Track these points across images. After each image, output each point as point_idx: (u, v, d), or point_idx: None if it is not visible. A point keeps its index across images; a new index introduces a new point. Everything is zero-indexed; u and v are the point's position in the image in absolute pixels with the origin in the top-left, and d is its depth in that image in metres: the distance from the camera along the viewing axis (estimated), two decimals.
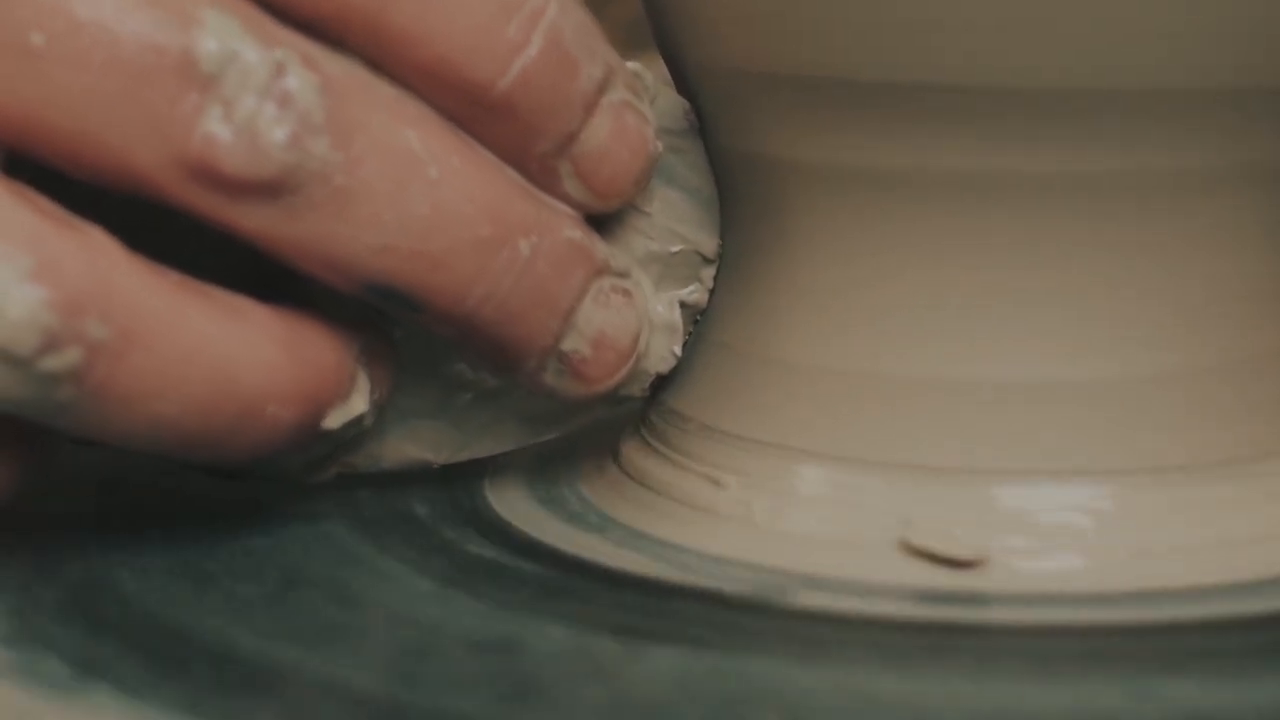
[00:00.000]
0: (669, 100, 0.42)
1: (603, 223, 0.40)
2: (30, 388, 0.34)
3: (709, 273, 0.42)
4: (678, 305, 0.42)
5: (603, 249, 0.39)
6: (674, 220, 0.42)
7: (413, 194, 0.36)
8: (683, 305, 0.42)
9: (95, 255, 0.34)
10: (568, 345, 0.39)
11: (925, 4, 0.36)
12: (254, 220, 0.35)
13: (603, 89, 0.38)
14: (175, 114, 0.34)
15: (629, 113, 0.39)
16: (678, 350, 0.42)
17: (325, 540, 0.41)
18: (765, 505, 0.39)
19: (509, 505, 0.43)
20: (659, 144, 0.40)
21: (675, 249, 0.42)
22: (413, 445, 0.42)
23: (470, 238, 0.37)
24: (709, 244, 0.42)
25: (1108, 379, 0.38)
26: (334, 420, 0.38)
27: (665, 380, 0.43)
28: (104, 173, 0.35)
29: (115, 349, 0.34)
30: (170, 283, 0.35)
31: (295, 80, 0.35)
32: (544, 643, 0.35)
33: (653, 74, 0.41)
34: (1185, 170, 0.38)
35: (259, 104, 0.34)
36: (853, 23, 0.37)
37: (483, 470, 0.45)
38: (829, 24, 0.37)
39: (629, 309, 0.40)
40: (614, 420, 0.45)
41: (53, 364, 0.34)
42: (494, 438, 0.43)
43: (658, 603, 0.37)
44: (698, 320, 0.43)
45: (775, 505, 0.39)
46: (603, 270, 0.39)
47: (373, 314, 0.39)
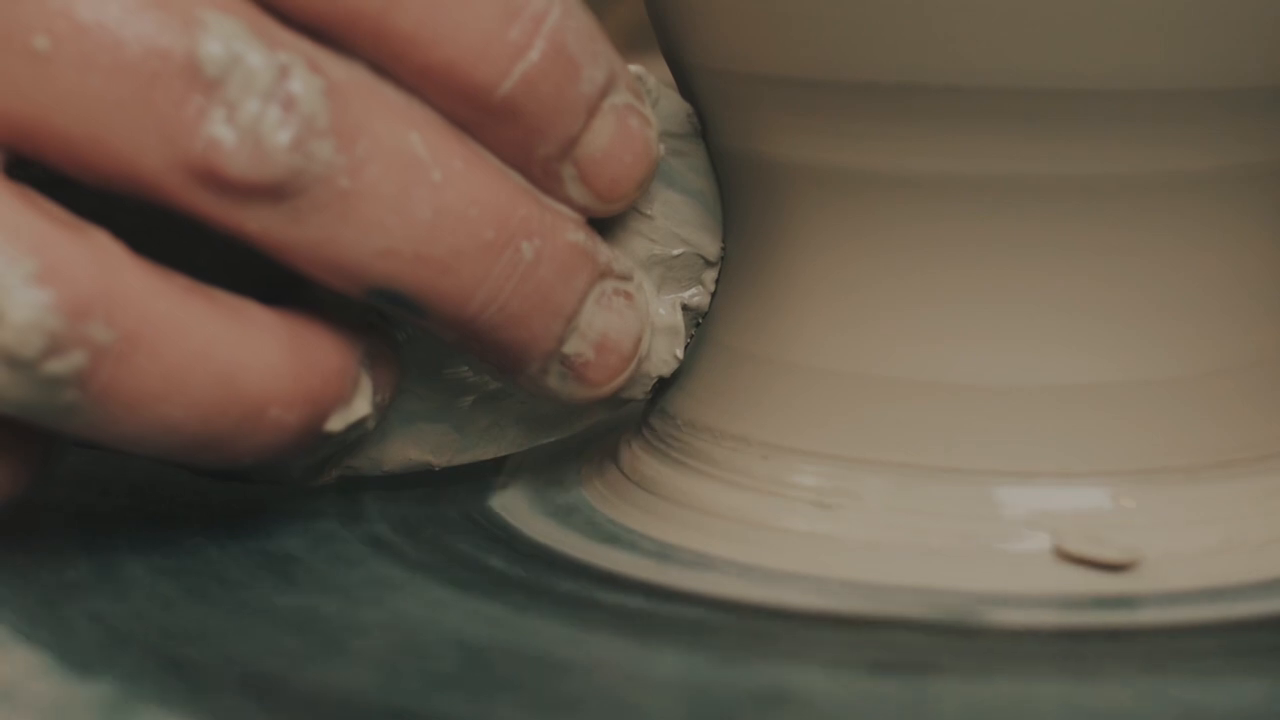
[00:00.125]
0: (672, 103, 0.42)
1: (605, 225, 0.40)
2: (34, 391, 0.34)
3: (711, 275, 0.42)
4: (680, 308, 0.42)
5: (605, 252, 0.40)
6: (676, 223, 0.42)
7: (416, 197, 0.36)
8: (685, 308, 0.42)
9: (100, 258, 0.34)
10: (570, 348, 0.39)
11: (921, 7, 0.36)
12: (258, 223, 0.35)
13: (605, 92, 0.38)
14: (179, 117, 0.34)
15: (632, 116, 0.39)
16: (680, 353, 0.42)
17: (328, 543, 0.41)
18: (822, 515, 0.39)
19: (513, 510, 0.43)
20: (661, 147, 0.40)
21: (677, 252, 0.42)
22: (414, 448, 0.42)
23: (473, 241, 0.37)
24: (711, 247, 0.42)
25: (1109, 381, 0.38)
26: (337, 423, 0.38)
27: (667, 383, 0.43)
28: (108, 176, 0.35)
29: (120, 352, 0.34)
30: (175, 286, 0.35)
31: (299, 84, 0.35)
32: (810, 689, 0.33)
33: (655, 77, 0.41)
34: (1184, 172, 0.38)
35: (263, 107, 0.34)
36: (851, 25, 0.37)
37: (484, 472, 0.45)
38: (828, 26, 0.37)
39: (631, 312, 0.40)
40: (615, 422, 0.45)
41: (57, 367, 0.34)
42: (496, 441, 0.43)
43: (864, 635, 0.36)
44: (700, 323, 0.43)
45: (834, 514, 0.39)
46: (605, 273, 0.39)
47: (376, 317, 0.39)
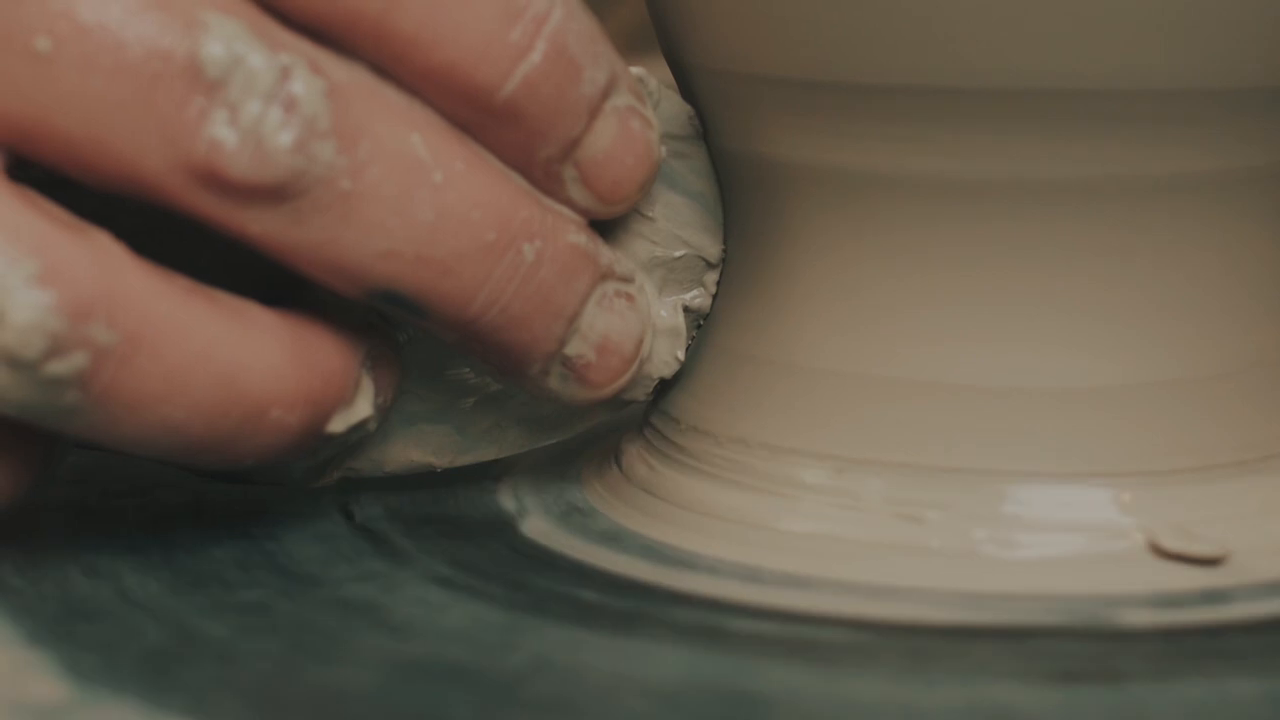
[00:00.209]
0: (673, 105, 0.42)
1: (606, 227, 0.40)
2: (36, 392, 0.34)
3: (712, 277, 0.42)
4: (681, 310, 0.42)
5: (607, 253, 0.40)
6: (677, 225, 0.42)
7: (417, 199, 0.36)
8: (686, 310, 0.42)
9: (101, 259, 0.34)
10: (572, 350, 0.39)
11: (920, 8, 0.36)
12: (259, 225, 0.35)
13: (607, 94, 0.38)
14: (181, 119, 0.34)
15: (633, 118, 0.39)
16: (681, 355, 0.42)
17: (329, 544, 0.41)
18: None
19: (513, 512, 0.43)
20: (663, 149, 0.40)
21: (679, 254, 0.42)
22: (416, 449, 0.42)
23: (475, 243, 0.37)
24: (712, 249, 0.42)
25: (1110, 382, 0.38)
26: (338, 424, 0.38)
27: (668, 384, 0.43)
28: (110, 177, 0.35)
29: (121, 353, 0.34)
30: (176, 287, 0.35)
31: (301, 85, 0.35)
32: (1024, 704, 0.33)
33: (657, 79, 0.41)
34: (1185, 173, 0.38)
35: (264, 109, 0.34)
36: (851, 26, 0.37)
37: (485, 474, 0.45)
38: (828, 27, 0.37)
39: (633, 313, 0.40)
40: (617, 424, 0.45)
41: (59, 368, 0.34)
42: (497, 442, 0.43)
43: (1014, 645, 0.35)
44: (701, 325, 0.43)
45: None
46: (607, 275, 0.39)
47: (377, 319, 0.39)
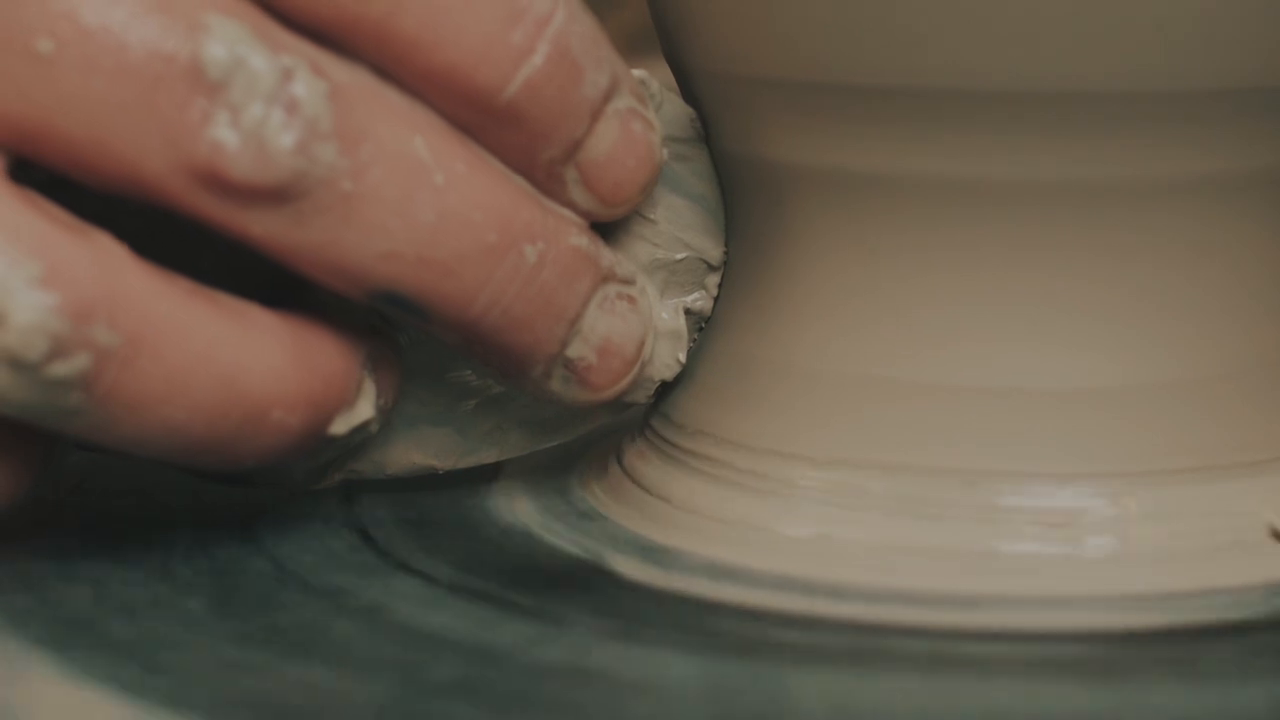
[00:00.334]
0: (675, 107, 0.42)
1: (608, 230, 0.40)
2: (38, 393, 0.34)
3: (714, 280, 0.42)
4: (682, 312, 0.42)
5: (608, 256, 0.40)
6: (679, 227, 0.42)
7: (419, 200, 0.36)
8: (688, 312, 0.42)
9: (104, 261, 0.34)
10: (573, 352, 0.39)
11: (921, 10, 0.36)
12: (261, 226, 0.35)
13: (609, 96, 0.38)
14: (183, 120, 0.34)
15: (635, 120, 0.39)
16: (682, 357, 0.42)
17: (330, 547, 0.41)
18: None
19: (514, 514, 0.43)
20: (664, 151, 0.40)
21: (680, 256, 0.42)
22: (418, 451, 0.42)
23: (476, 244, 0.37)
24: (714, 251, 0.42)
25: (1111, 383, 0.38)
26: (340, 426, 0.38)
27: (669, 387, 0.43)
28: (112, 179, 0.35)
29: (123, 354, 0.34)
30: (178, 289, 0.35)
31: (303, 87, 0.35)
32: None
33: (658, 81, 0.41)
34: (1186, 175, 0.38)
35: (266, 110, 0.34)
36: (851, 28, 0.37)
37: (486, 476, 0.45)
38: (828, 29, 0.37)
39: (634, 316, 0.40)
40: (618, 426, 0.45)
41: (61, 369, 0.34)
42: (498, 444, 0.43)
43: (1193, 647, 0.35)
44: (702, 327, 0.43)
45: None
46: (608, 277, 0.39)
47: (379, 320, 0.39)
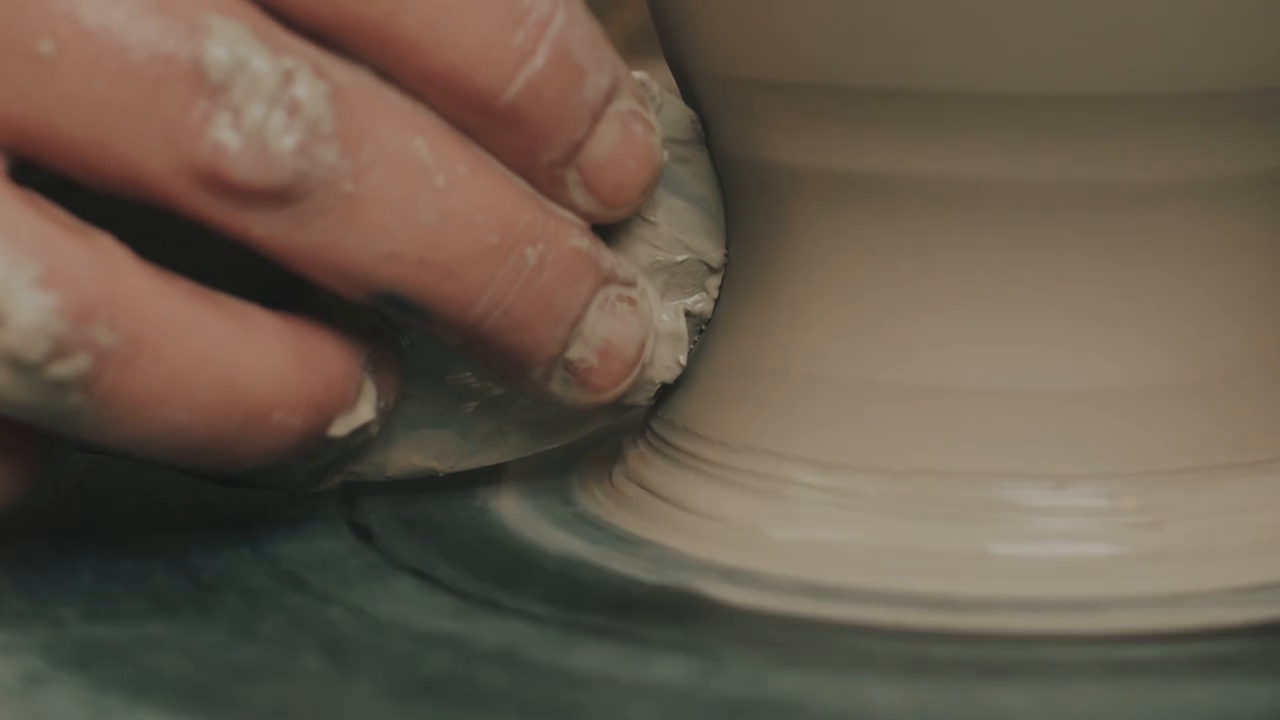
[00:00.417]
0: (675, 109, 0.42)
1: (609, 232, 0.40)
2: (39, 394, 0.34)
3: (714, 282, 0.42)
4: (683, 314, 0.42)
5: (609, 258, 0.40)
6: (680, 229, 0.42)
7: (420, 202, 0.36)
8: (688, 314, 0.42)
9: (104, 262, 0.34)
10: (574, 354, 0.39)
11: (921, 12, 0.36)
12: (263, 228, 0.35)
13: (609, 98, 0.38)
14: (184, 122, 0.34)
15: (636, 122, 0.39)
16: (683, 359, 0.42)
17: (330, 549, 0.41)
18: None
19: (514, 517, 0.43)
20: (665, 153, 0.40)
21: (681, 258, 0.42)
22: (418, 453, 0.42)
23: (477, 246, 0.37)
24: (714, 253, 0.42)
25: (1112, 384, 0.38)
26: (341, 428, 0.38)
27: (670, 389, 0.43)
28: (114, 180, 0.35)
29: (124, 355, 0.34)
30: (179, 290, 0.35)
31: (304, 88, 0.35)
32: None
33: (659, 83, 0.41)
34: (1187, 177, 0.38)
35: (268, 112, 0.34)
36: (851, 30, 0.37)
37: (487, 478, 0.45)
38: (829, 31, 0.37)
39: (635, 318, 0.40)
40: (618, 428, 0.45)
41: (62, 370, 0.34)
42: (499, 446, 0.43)
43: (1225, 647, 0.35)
44: (703, 329, 0.43)
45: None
46: (609, 279, 0.39)
47: (380, 322, 0.39)
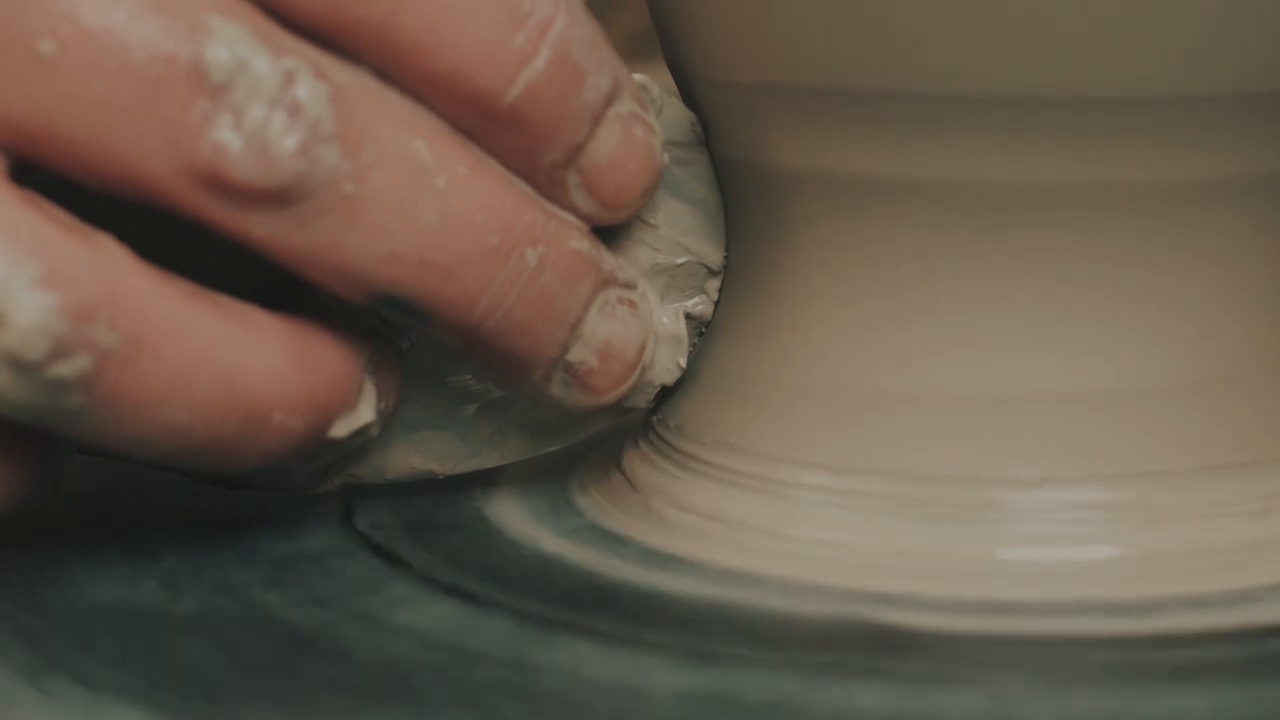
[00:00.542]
0: (675, 112, 0.42)
1: (609, 234, 0.40)
2: (40, 394, 0.34)
3: (714, 284, 0.42)
4: (683, 317, 0.42)
5: (609, 260, 0.40)
6: (680, 232, 0.42)
7: (421, 203, 0.36)
8: (688, 317, 0.42)
9: (105, 262, 0.34)
10: (574, 356, 0.39)
11: (922, 15, 0.36)
12: (263, 229, 0.35)
13: (610, 100, 0.38)
14: (185, 122, 0.34)
15: (636, 124, 0.39)
16: (683, 362, 0.42)
17: (330, 551, 0.41)
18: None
19: (514, 519, 0.43)
20: (665, 155, 0.41)
21: (681, 261, 0.42)
22: (418, 456, 0.42)
23: (478, 247, 0.37)
24: (714, 256, 0.42)
25: (1112, 386, 0.38)
26: (341, 429, 0.38)
27: (670, 391, 0.43)
28: (114, 181, 0.35)
29: (125, 355, 0.34)
30: (179, 290, 0.35)
31: (305, 89, 0.35)
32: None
33: (659, 85, 0.41)
34: (1188, 179, 0.38)
35: (269, 113, 0.34)
36: (851, 33, 0.37)
37: (486, 481, 0.45)
38: (829, 35, 0.37)
39: (635, 320, 0.40)
40: (618, 431, 0.45)
41: (62, 370, 0.34)
42: (499, 449, 0.43)
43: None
44: (703, 332, 0.43)
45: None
46: (609, 281, 0.39)
47: (380, 324, 0.39)
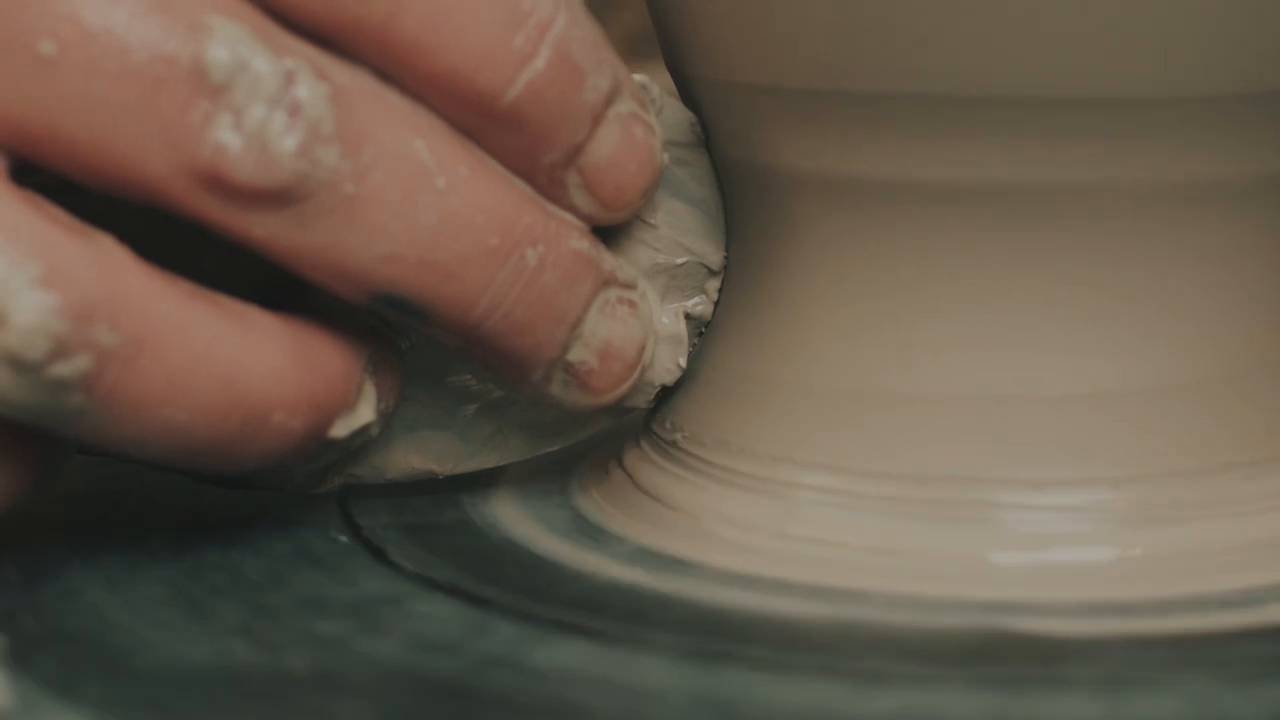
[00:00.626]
0: (675, 112, 0.42)
1: (609, 234, 0.40)
2: (40, 394, 0.34)
3: (714, 284, 0.42)
4: (683, 317, 0.42)
5: (609, 260, 0.40)
6: (680, 232, 0.42)
7: (421, 203, 0.36)
8: (688, 317, 0.42)
9: (105, 262, 0.34)
10: (574, 356, 0.39)
11: (921, 16, 0.36)
12: (263, 229, 0.35)
13: (610, 100, 0.38)
14: (185, 122, 0.34)
15: (636, 124, 0.39)
16: (683, 362, 0.42)
17: (330, 551, 0.41)
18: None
19: (514, 519, 0.43)
20: (665, 156, 0.41)
21: (681, 261, 0.42)
22: (418, 456, 0.42)
23: (478, 247, 0.37)
24: (714, 256, 0.42)
25: (1113, 387, 0.38)
26: (341, 429, 0.38)
27: (670, 391, 0.43)
28: (114, 181, 0.35)
29: (125, 355, 0.34)
30: (179, 290, 0.35)
31: (305, 89, 0.35)
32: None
33: (659, 85, 0.41)
34: (1187, 180, 0.38)
35: (269, 113, 0.34)
36: (850, 35, 0.37)
37: (486, 481, 0.45)
38: (828, 36, 0.37)
39: (635, 320, 0.40)
40: (618, 431, 0.45)
41: (62, 370, 0.34)
42: (499, 449, 0.43)
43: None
44: (703, 332, 0.43)
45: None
46: (609, 281, 0.39)
47: (380, 324, 0.39)
